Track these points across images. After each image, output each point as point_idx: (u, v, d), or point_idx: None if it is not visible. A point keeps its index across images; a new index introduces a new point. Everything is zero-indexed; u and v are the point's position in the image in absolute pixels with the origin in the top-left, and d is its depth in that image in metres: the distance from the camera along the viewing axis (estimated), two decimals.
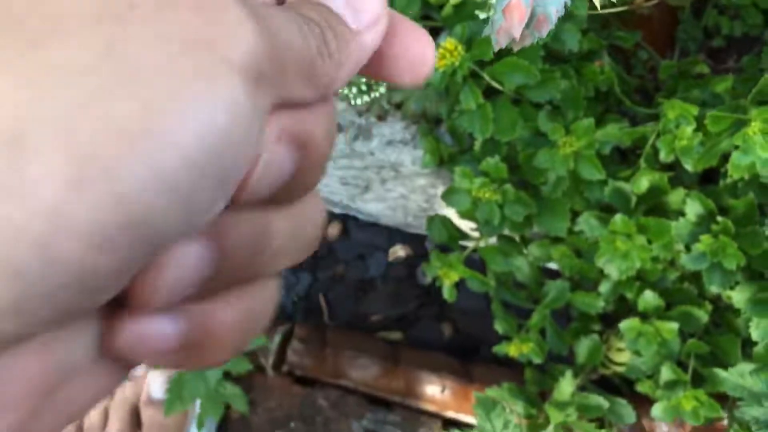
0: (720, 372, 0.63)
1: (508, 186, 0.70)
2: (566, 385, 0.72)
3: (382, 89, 0.73)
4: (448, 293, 0.77)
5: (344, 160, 0.91)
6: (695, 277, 0.77)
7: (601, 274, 0.78)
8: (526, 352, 0.75)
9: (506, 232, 0.79)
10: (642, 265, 0.69)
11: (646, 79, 0.83)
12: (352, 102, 0.73)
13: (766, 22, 0.72)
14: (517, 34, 0.31)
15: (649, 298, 0.72)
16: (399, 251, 1.11)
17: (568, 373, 0.74)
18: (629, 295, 0.75)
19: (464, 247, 0.79)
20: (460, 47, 0.69)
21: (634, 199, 0.70)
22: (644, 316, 0.74)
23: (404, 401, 1.02)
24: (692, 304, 0.72)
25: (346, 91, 0.72)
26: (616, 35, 0.76)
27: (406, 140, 0.87)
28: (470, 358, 1.06)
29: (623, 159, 0.76)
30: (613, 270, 0.72)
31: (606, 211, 0.72)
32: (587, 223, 0.71)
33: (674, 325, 0.71)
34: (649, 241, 0.70)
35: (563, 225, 0.73)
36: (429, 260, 0.97)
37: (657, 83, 0.78)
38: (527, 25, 0.31)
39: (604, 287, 0.75)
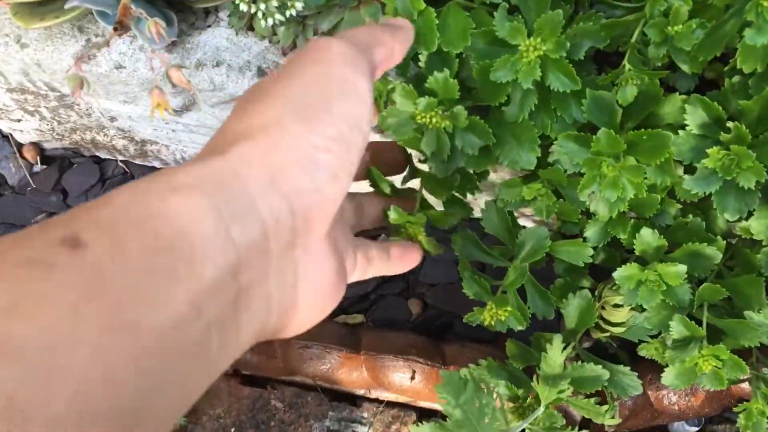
0: (750, 314, 0.49)
1: (459, 108, 0.55)
2: (555, 354, 0.58)
3: (299, 4, 0.58)
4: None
5: None
6: (700, 209, 0.63)
7: (587, 216, 0.64)
8: (504, 318, 0.60)
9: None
10: (636, 193, 0.55)
11: None
12: (262, 23, 0.58)
13: None
14: None
15: (647, 236, 0.58)
16: None
17: (557, 339, 0.60)
18: (623, 237, 0.61)
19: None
20: None
21: (620, 113, 0.56)
22: (643, 261, 0.60)
23: (370, 394, 0.87)
24: (701, 241, 0.58)
25: (253, 9, 0.57)
26: None
27: None
28: (444, 336, 0.91)
29: (601, 69, 0.62)
30: (601, 206, 0.58)
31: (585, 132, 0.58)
32: (564, 148, 0.57)
33: (681, 268, 0.57)
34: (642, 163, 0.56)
35: (532, 155, 0.58)
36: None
37: None
38: None
39: (591, 230, 0.61)
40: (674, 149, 0.55)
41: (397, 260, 0.53)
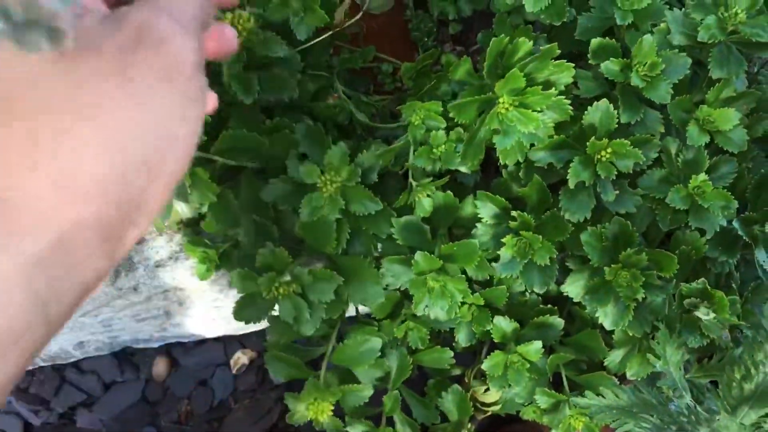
0: (581, 401, 0.53)
1: (297, 269, 0.56)
2: None
3: None
4: None
5: (120, 301, 0.76)
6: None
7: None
8: None
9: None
10: (464, 297, 0.59)
11: (402, 90, 0.74)
12: None
13: None
14: None
15: (502, 324, 0.62)
16: (241, 358, 0.97)
17: None
18: (488, 329, 0.64)
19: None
20: None
21: (428, 230, 0.60)
22: (500, 346, 0.64)
23: None
24: (544, 314, 0.63)
25: None
26: (343, 60, 0.67)
27: (176, 254, 0.73)
28: None
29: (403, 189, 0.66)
30: (440, 314, 0.61)
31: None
32: (391, 272, 0.60)
33: (537, 344, 0.61)
34: (463, 270, 0.60)
35: (378, 288, 0.60)
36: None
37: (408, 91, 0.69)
38: None
39: (461, 333, 0.64)
40: (476, 241, 0.59)
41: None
